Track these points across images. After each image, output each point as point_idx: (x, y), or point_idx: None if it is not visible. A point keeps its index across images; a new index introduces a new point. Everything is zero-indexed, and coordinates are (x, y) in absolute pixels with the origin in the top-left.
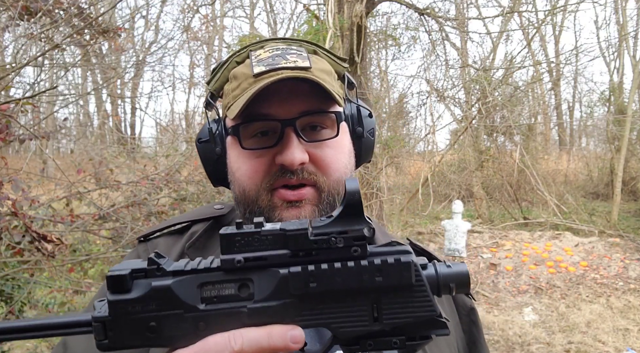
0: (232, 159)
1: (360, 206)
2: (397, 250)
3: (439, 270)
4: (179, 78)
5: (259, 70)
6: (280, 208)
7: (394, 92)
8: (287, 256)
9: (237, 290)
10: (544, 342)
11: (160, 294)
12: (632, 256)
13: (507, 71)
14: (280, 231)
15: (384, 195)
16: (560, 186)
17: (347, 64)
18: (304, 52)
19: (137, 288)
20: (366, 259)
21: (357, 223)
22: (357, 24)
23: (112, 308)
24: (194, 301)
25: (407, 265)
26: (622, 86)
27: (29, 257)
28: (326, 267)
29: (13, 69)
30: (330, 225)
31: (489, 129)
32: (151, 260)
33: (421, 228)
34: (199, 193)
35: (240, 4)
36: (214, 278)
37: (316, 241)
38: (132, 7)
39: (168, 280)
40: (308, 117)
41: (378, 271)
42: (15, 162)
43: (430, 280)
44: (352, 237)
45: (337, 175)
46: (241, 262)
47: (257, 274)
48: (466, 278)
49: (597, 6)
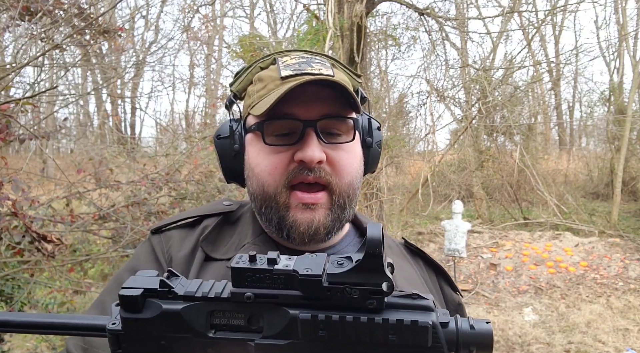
0: (252, 155)
1: (380, 258)
2: (417, 304)
3: (460, 329)
4: (179, 78)
5: (287, 73)
6: (294, 209)
7: (394, 92)
8: (299, 297)
9: (247, 322)
10: (544, 342)
11: (170, 317)
12: (632, 256)
13: (507, 71)
14: (293, 272)
15: (384, 195)
16: (560, 186)
17: (361, 80)
18: (327, 63)
19: (149, 308)
20: (381, 313)
21: (375, 276)
22: (357, 24)
23: (125, 324)
24: (203, 328)
25: (424, 328)
26: (622, 86)
27: (29, 257)
28: (337, 319)
29: (13, 69)
30: (347, 274)
31: (489, 129)
32: (163, 283)
33: (421, 228)
34: (198, 192)
35: (240, 4)
36: (224, 307)
37: (329, 289)
38: (132, 7)
39: (179, 305)
40: (327, 121)
41: (392, 330)
42: (15, 162)
43: (449, 338)
44: (369, 290)
45: (349, 178)
46: (251, 298)
47: (268, 309)
48: (489, 340)
49: (597, 6)
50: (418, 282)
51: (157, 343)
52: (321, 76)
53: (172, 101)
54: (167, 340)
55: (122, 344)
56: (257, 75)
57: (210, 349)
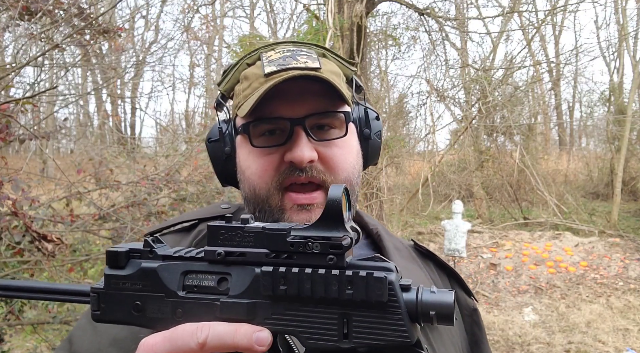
0: (242, 158)
1: (340, 214)
2: (377, 265)
3: (420, 295)
4: (179, 78)
5: (270, 70)
6: (290, 211)
7: (394, 92)
8: (265, 255)
9: (217, 283)
10: (544, 342)
11: (147, 275)
12: (632, 256)
13: (507, 71)
14: (261, 229)
15: (384, 195)
16: (560, 186)
17: (355, 67)
18: (314, 54)
19: (130, 266)
20: (343, 270)
21: (337, 230)
22: (357, 24)
23: (107, 281)
24: (175, 288)
25: (379, 280)
26: (622, 86)
27: (29, 257)
28: (296, 271)
29: (13, 69)
30: (310, 228)
31: (489, 129)
32: (146, 242)
33: (421, 228)
34: (198, 193)
35: (240, 4)
36: (197, 268)
37: (293, 243)
38: (132, 7)
39: (156, 263)
40: (317, 117)
41: (349, 283)
42: (15, 162)
43: (409, 305)
44: (330, 245)
45: (345, 175)
46: (221, 255)
47: (237, 269)
48: (449, 309)
49: (597, 6)
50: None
51: (132, 303)
52: (306, 70)
53: (172, 101)
54: (142, 299)
55: (101, 304)
56: (243, 73)
57: (180, 309)
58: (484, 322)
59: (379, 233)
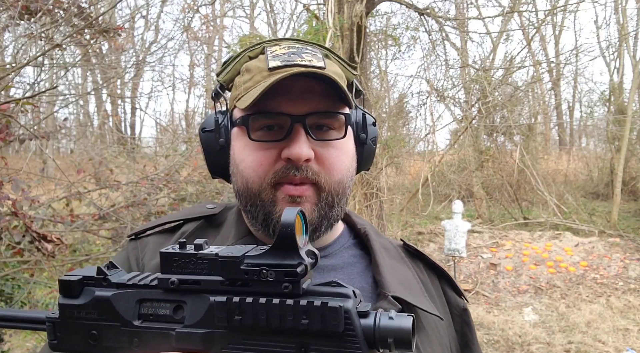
0: (237, 150)
1: (293, 240)
2: (334, 291)
3: (378, 321)
4: (179, 78)
5: (275, 64)
6: (281, 202)
7: (394, 92)
8: (220, 283)
9: (172, 311)
10: (544, 342)
11: (101, 304)
12: (632, 256)
13: (507, 71)
14: (214, 256)
15: (384, 195)
16: (560, 186)
17: (357, 71)
18: (319, 53)
19: (85, 295)
20: (298, 298)
21: (292, 257)
22: (357, 24)
23: (62, 310)
24: (130, 317)
25: (334, 310)
26: (622, 86)
27: (29, 257)
28: (250, 301)
29: (13, 69)
30: (263, 256)
31: (489, 129)
32: (99, 270)
33: (421, 228)
34: (198, 193)
35: (240, 4)
36: (152, 296)
37: (247, 271)
38: (132, 7)
39: (109, 292)
40: (317, 117)
41: (304, 313)
42: (15, 162)
43: (367, 331)
44: (284, 272)
45: (340, 176)
46: (175, 283)
47: (192, 298)
48: (406, 334)
49: (597, 6)
50: (415, 286)
51: (88, 332)
52: (311, 68)
53: (172, 101)
54: (97, 329)
55: (57, 333)
56: (245, 65)
57: (137, 339)
58: (484, 322)
59: (366, 233)
